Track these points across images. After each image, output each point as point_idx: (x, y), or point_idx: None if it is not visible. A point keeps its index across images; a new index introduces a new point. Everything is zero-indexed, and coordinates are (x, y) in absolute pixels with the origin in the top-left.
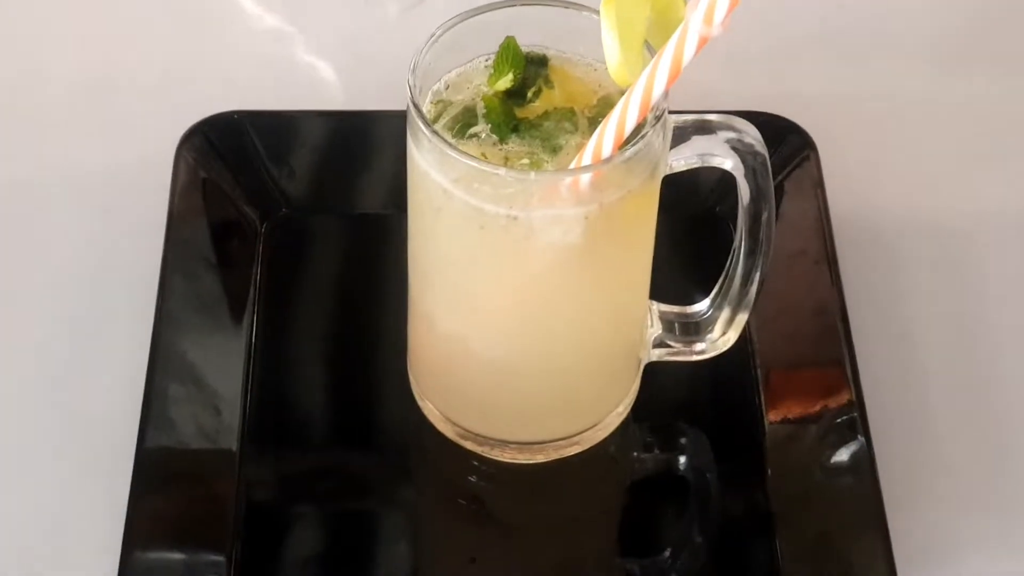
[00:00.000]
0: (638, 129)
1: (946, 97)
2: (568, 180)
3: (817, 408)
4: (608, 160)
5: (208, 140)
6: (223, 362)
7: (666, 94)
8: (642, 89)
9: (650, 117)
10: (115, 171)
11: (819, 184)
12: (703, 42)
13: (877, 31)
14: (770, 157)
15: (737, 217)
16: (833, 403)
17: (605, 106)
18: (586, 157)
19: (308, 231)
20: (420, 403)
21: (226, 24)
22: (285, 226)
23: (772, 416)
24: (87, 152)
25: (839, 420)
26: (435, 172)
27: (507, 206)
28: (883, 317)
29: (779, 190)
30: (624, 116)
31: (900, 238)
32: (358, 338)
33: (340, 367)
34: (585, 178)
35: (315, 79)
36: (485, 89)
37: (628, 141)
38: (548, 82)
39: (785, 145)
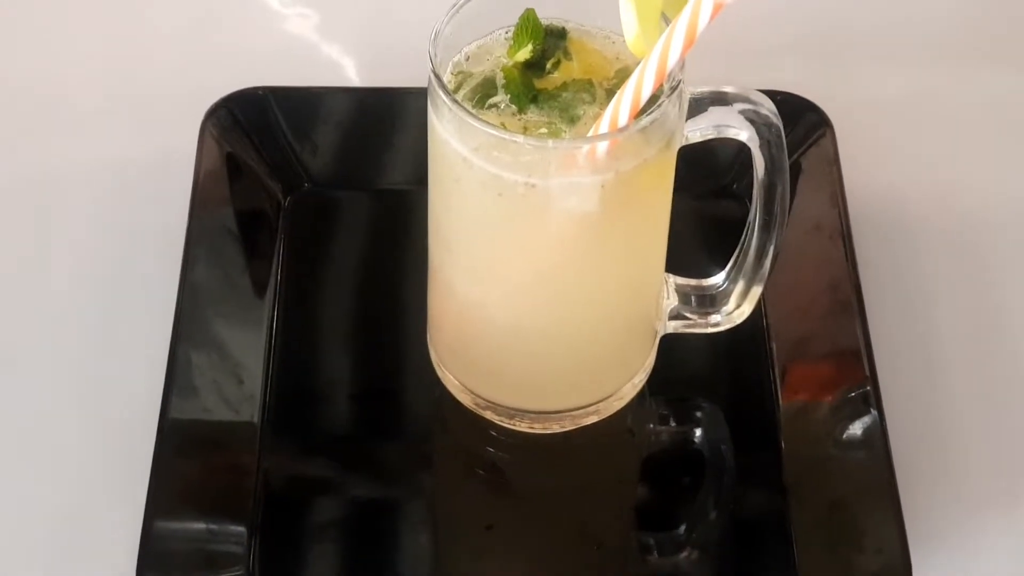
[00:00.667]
0: (654, 99)
1: (965, 80)
2: (585, 148)
3: (830, 382)
4: (624, 128)
5: (232, 115)
6: (246, 334)
7: (682, 63)
8: (658, 57)
9: (666, 87)
10: (140, 148)
11: (835, 161)
12: (718, 9)
13: (897, 16)
14: (787, 135)
15: (753, 193)
16: (846, 377)
17: (623, 78)
18: (603, 126)
19: (330, 206)
20: (439, 373)
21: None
22: (308, 201)
23: (786, 389)
24: (113, 130)
25: (852, 394)
26: (455, 141)
27: (525, 174)
28: (897, 292)
29: (795, 167)
30: (640, 85)
31: (915, 216)
32: (379, 311)
33: (361, 339)
34: (602, 146)
35: (334, 56)
36: (505, 61)
37: (644, 110)
38: (567, 54)
39: (801, 123)
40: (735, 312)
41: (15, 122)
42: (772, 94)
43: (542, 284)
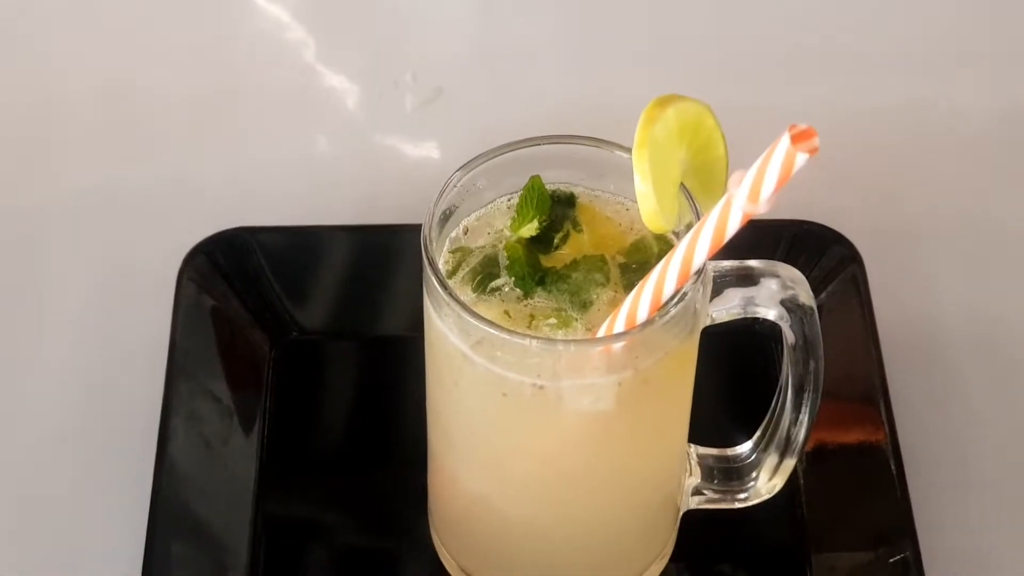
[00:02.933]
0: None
1: (996, 200)
2: (599, 348)
3: (869, 558)
4: (644, 325)
5: (212, 260)
6: (229, 507)
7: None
8: (681, 259)
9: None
10: (110, 303)
11: (866, 302)
12: (747, 219)
13: (924, 132)
14: (813, 268)
15: (783, 357)
16: (887, 553)
17: (638, 250)
18: (619, 323)
19: (321, 356)
20: (440, 555)
21: (236, 118)
22: (296, 352)
23: (820, 566)
24: (77, 285)
25: (892, 560)
26: (453, 335)
27: (533, 375)
28: (939, 449)
29: (822, 308)
30: (662, 283)
31: (955, 357)
32: (375, 478)
33: (355, 513)
34: (618, 345)
35: (329, 180)
36: (508, 234)
37: (667, 303)
38: (576, 224)
39: (828, 256)
40: (765, 487)
41: None
42: (797, 224)
43: (553, 480)
